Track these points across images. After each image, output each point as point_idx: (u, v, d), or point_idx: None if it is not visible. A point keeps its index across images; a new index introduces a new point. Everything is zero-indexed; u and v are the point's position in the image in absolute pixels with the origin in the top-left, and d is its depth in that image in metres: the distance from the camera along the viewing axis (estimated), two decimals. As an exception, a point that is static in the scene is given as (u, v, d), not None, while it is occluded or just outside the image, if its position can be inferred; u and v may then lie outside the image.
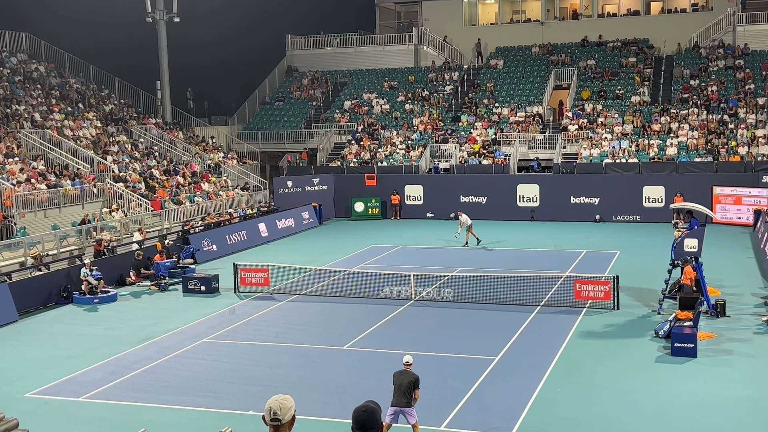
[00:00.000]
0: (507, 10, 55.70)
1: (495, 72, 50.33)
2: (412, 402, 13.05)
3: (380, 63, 53.94)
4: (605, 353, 18.45)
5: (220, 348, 19.65)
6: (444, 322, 21.43)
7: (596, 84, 46.73)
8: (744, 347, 18.57)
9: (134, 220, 33.39)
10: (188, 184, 39.19)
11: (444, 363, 17.99)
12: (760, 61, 45.41)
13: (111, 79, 47.73)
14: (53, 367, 18.42)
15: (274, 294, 25.02)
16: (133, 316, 23.20)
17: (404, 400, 12.98)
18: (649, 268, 26.75)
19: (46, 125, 37.78)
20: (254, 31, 68.62)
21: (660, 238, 32.36)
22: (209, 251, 31.80)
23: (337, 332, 20.67)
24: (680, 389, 15.96)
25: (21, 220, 29.76)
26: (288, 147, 48.46)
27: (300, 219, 39.41)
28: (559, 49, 50.89)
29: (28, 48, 46.00)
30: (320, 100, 51.75)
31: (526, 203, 40.06)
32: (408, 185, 41.86)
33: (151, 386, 16.91)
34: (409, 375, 13.14)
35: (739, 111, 41.45)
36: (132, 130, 43.17)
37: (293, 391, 15.60)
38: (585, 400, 15.52)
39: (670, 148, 39.86)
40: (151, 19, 46.38)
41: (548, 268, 27.34)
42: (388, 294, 24.08)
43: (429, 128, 45.68)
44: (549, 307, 22.51)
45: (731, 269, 26.92)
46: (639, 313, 21.82)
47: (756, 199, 35.79)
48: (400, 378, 13.15)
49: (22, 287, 23.96)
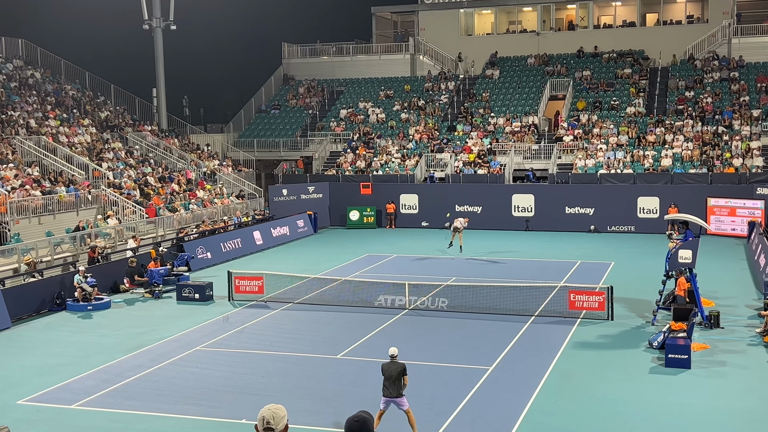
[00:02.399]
0: (503, 21, 55.87)
1: (491, 82, 50.45)
2: (402, 390, 13.65)
3: (376, 72, 54.05)
4: (599, 364, 18.45)
5: (213, 356, 19.60)
6: (438, 332, 21.41)
7: (591, 95, 46.86)
8: (738, 359, 18.59)
9: (129, 227, 33.34)
10: (183, 191, 39.15)
11: (438, 372, 17.97)
12: (754, 74, 45.59)
13: (107, 85, 47.71)
14: (46, 374, 18.34)
15: (268, 302, 24.98)
16: (127, 324, 23.13)
17: (395, 391, 13.72)
18: (644, 279, 26.77)
19: (41, 131, 37.73)
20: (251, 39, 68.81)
21: (654, 249, 32.42)
22: (204, 259, 31.76)
23: (332, 341, 20.64)
24: (674, 400, 15.96)
25: (15, 227, 29.68)
26: (284, 155, 48.48)
27: (295, 227, 39.39)
28: (554, 59, 51.04)
29: (23, 54, 45.97)
30: (316, 109, 51.81)
31: (521, 213, 40.11)
32: (403, 194, 41.88)
33: (145, 394, 16.85)
34: (397, 365, 13.81)
35: (733, 123, 41.59)
36: (127, 137, 43.13)
37: (287, 400, 15.59)
38: (579, 411, 15.51)
39: (664, 160, 39.96)
40: (147, 26, 46.40)
41: (543, 278, 27.35)
42: (382, 303, 24.06)
43: (425, 137, 45.74)
44: (543, 317, 22.51)
45: (725, 281, 26.95)
46: (633, 324, 21.83)
47: (750, 210, 35.87)
48: (389, 369, 13.77)
49: (15, 294, 23.86)
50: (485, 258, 32.41)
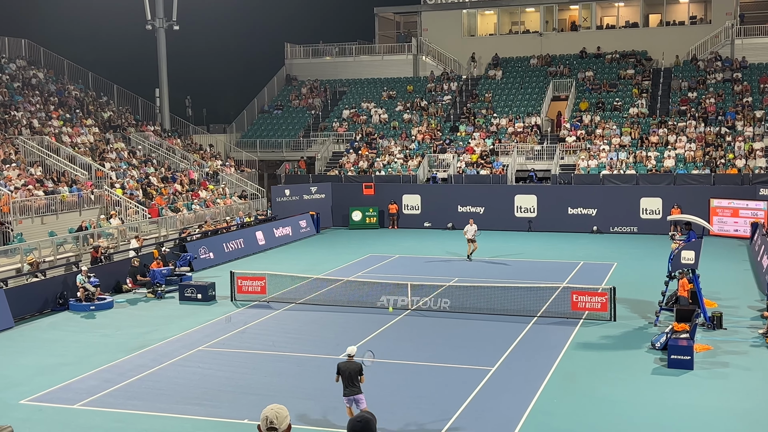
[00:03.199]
0: (506, 21, 55.83)
1: (493, 83, 50.44)
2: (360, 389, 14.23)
3: (379, 72, 54.05)
4: (602, 365, 18.44)
5: (216, 356, 19.61)
6: (440, 332, 21.40)
7: (594, 95, 46.83)
8: (740, 360, 18.56)
9: (131, 227, 33.36)
10: (186, 191, 39.18)
11: (440, 373, 17.96)
12: (757, 74, 45.55)
13: (110, 86, 47.76)
14: (48, 374, 18.36)
15: (270, 302, 24.98)
16: (129, 324, 23.15)
17: (355, 389, 14.17)
18: (646, 280, 26.76)
19: (44, 132, 37.78)
20: (253, 39, 68.85)
21: (657, 249, 32.38)
22: (206, 259, 31.77)
23: (334, 341, 20.64)
24: (676, 401, 15.94)
25: (18, 227, 29.71)
26: (286, 155, 48.49)
27: (297, 227, 39.40)
28: (557, 60, 51.01)
29: (27, 54, 46.03)
30: (319, 109, 51.81)
31: (524, 214, 40.08)
32: (406, 195, 41.86)
33: (147, 394, 16.86)
34: (353, 364, 14.27)
35: (736, 124, 41.55)
36: (130, 137, 43.17)
37: (289, 400, 15.59)
38: (581, 412, 15.50)
39: (667, 160, 39.92)
40: (150, 26, 46.47)
41: (545, 278, 27.32)
42: (384, 303, 24.04)
43: (427, 138, 45.74)
44: (546, 318, 22.49)
45: (728, 282, 26.92)
46: (636, 324, 21.81)
47: (753, 211, 35.82)
48: (348, 368, 14.25)
49: (18, 294, 23.89)
50: (488, 259, 32.39)
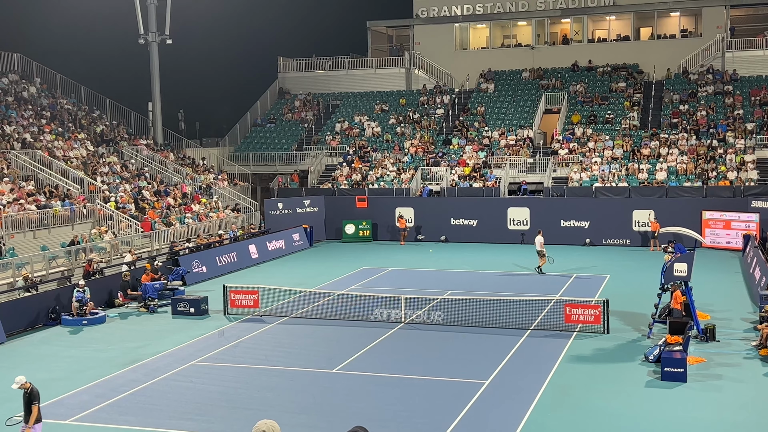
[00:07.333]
0: (498, 35, 56.08)
1: (486, 96, 50.60)
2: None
3: (372, 86, 54.21)
4: (595, 377, 18.43)
5: (208, 371, 19.54)
6: (434, 346, 21.37)
7: (586, 108, 47.02)
8: (733, 372, 18.59)
9: (124, 241, 33.28)
10: (179, 205, 39.12)
11: (434, 386, 17.93)
12: (748, 87, 45.82)
13: (102, 99, 47.76)
14: (40, 389, 18.18)
15: (263, 316, 24.93)
16: (122, 338, 23.06)
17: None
18: (639, 293, 26.79)
19: (36, 146, 37.72)
20: (246, 53, 68.96)
21: (650, 262, 32.45)
22: (199, 273, 31.70)
23: (327, 355, 20.59)
24: (670, 414, 15.94)
25: (10, 241, 29.60)
26: (279, 169, 48.50)
27: (291, 241, 39.35)
28: (549, 73, 51.24)
29: (19, 68, 46.01)
30: (312, 123, 51.89)
31: (517, 226, 40.13)
32: (399, 207, 41.88)
33: (139, 409, 16.79)
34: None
35: (728, 136, 41.74)
36: (123, 151, 43.13)
37: (282, 415, 15.54)
38: (575, 425, 15.48)
39: (659, 173, 40.06)
40: (143, 40, 46.54)
41: (538, 291, 27.35)
42: (378, 317, 24.01)
43: (420, 151, 45.82)
44: (539, 330, 22.49)
45: (721, 294, 26.98)
46: (629, 337, 21.83)
47: (745, 223, 35.95)
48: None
49: (10, 309, 23.79)
50: (481, 271, 32.39)
